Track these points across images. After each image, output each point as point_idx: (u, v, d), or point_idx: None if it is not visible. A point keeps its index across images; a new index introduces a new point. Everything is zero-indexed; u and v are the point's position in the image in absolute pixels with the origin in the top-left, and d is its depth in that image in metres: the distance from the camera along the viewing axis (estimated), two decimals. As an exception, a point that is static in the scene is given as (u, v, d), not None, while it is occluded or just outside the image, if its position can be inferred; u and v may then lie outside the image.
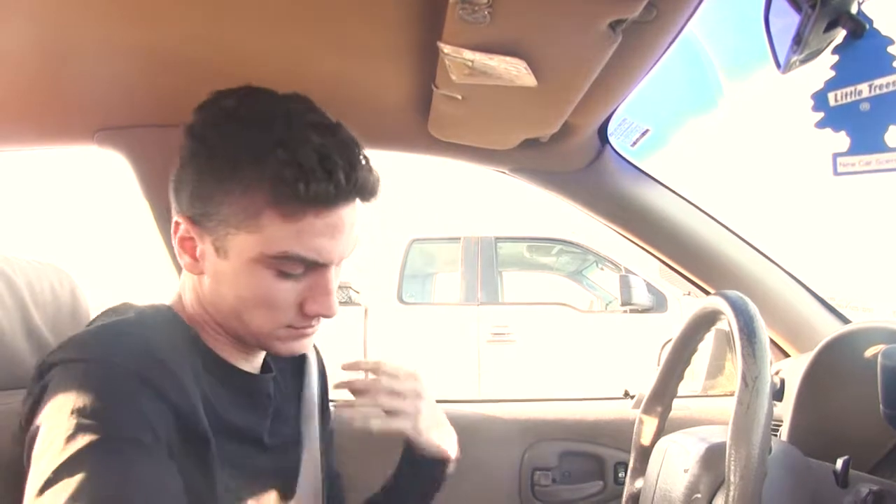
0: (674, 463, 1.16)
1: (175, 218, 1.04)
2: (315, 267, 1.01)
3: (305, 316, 1.04)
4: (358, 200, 1.03)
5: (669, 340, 1.33)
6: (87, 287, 1.32)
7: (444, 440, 1.30)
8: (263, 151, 0.95)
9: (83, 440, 0.84)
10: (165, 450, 0.91)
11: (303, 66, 1.33)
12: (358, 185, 0.99)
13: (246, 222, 0.97)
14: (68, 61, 1.33)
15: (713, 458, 1.06)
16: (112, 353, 0.91)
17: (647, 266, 5.78)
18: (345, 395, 1.28)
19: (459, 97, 1.31)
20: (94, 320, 1.06)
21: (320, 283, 1.02)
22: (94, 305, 1.28)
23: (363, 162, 1.01)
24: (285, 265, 0.99)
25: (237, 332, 1.07)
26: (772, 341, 1.92)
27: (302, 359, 1.28)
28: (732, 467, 0.94)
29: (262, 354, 1.16)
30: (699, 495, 1.06)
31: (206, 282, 1.04)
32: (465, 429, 1.48)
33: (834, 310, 1.87)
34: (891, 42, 0.87)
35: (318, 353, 1.35)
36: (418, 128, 1.55)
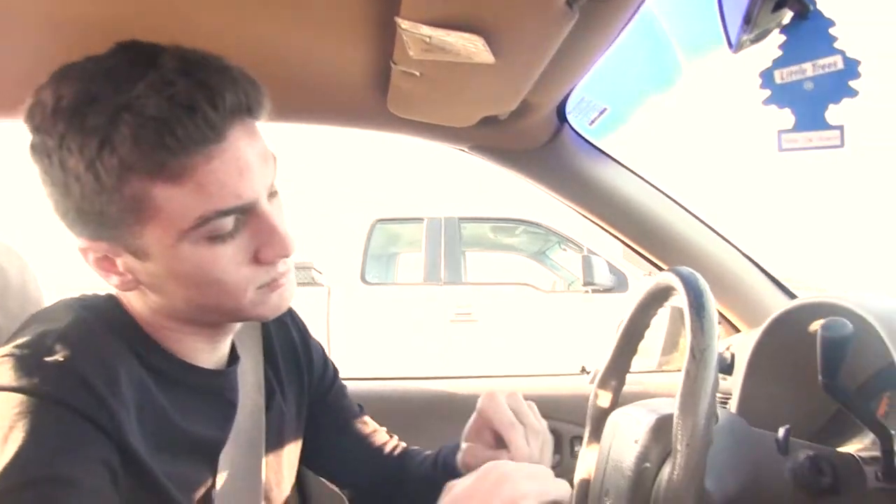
0: (625, 434, 1.18)
1: (77, 245, 0.93)
2: (244, 212, 0.90)
3: (266, 266, 0.94)
4: (247, 120, 0.91)
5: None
6: (38, 266, 1.26)
7: None
8: (108, 128, 0.82)
9: (7, 481, 0.79)
10: (104, 481, 0.85)
11: (257, 42, 1.29)
12: (232, 106, 0.87)
13: (142, 211, 0.86)
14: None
15: (662, 428, 1.08)
16: (37, 382, 0.83)
17: (609, 247, 5.83)
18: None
19: (418, 74, 1.31)
20: (26, 325, 0.96)
21: (262, 224, 0.92)
22: (46, 284, 1.22)
23: (230, 78, 0.88)
24: (212, 228, 0.88)
25: (209, 321, 1.00)
26: (724, 317, 1.96)
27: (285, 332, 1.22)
28: (679, 436, 0.96)
29: (228, 342, 1.09)
30: (648, 464, 1.08)
31: (147, 291, 0.95)
32: (426, 405, 1.52)
33: (782, 286, 1.91)
34: (832, 24, 0.90)
35: (291, 314, 1.27)
36: (377, 104, 1.55)
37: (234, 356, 1.11)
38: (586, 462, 1.31)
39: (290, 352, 1.24)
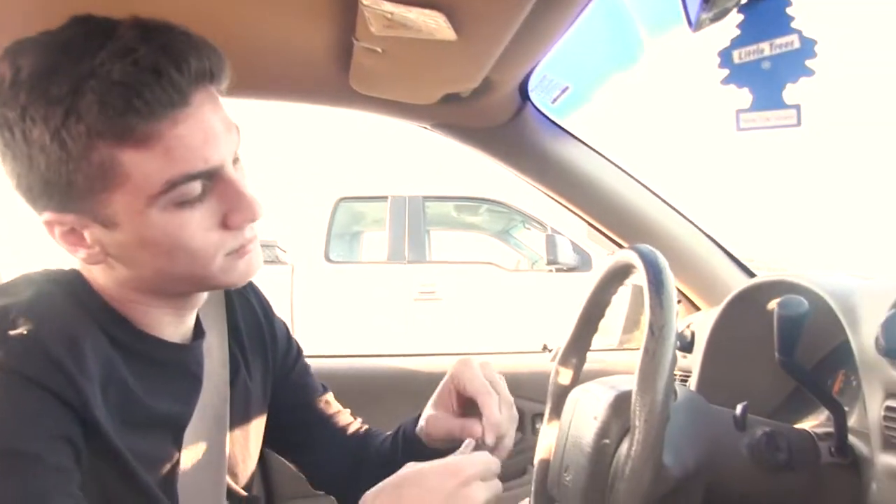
0: (585, 411, 1.19)
1: (42, 220, 0.91)
2: (211, 177, 0.90)
3: (234, 231, 0.94)
4: (210, 87, 0.91)
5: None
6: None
7: None
8: (72, 96, 0.82)
9: None
10: (68, 459, 0.85)
11: (218, 18, 1.26)
12: (196, 71, 0.87)
13: (110, 178, 0.85)
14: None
15: (621, 405, 1.09)
16: (1, 357, 0.83)
17: (573, 226, 5.86)
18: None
19: (380, 50, 1.30)
20: None
21: (228, 189, 0.92)
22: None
23: (194, 46, 0.88)
24: (180, 193, 0.88)
25: (176, 291, 0.99)
26: (685, 296, 1.98)
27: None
28: (637, 412, 0.97)
29: (194, 316, 1.07)
30: (607, 441, 1.09)
31: (114, 263, 0.94)
32: (389, 382, 1.52)
33: (742, 265, 1.93)
34: (789, 3, 0.90)
35: (255, 291, 1.26)
36: (339, 81, 1.54)
37: (199, 331, 1.10)
38: (547, 439, 1.32)
39: (255, 328, 1.23)
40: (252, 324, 1.22)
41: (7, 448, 0.81)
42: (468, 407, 1.17)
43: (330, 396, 1.35)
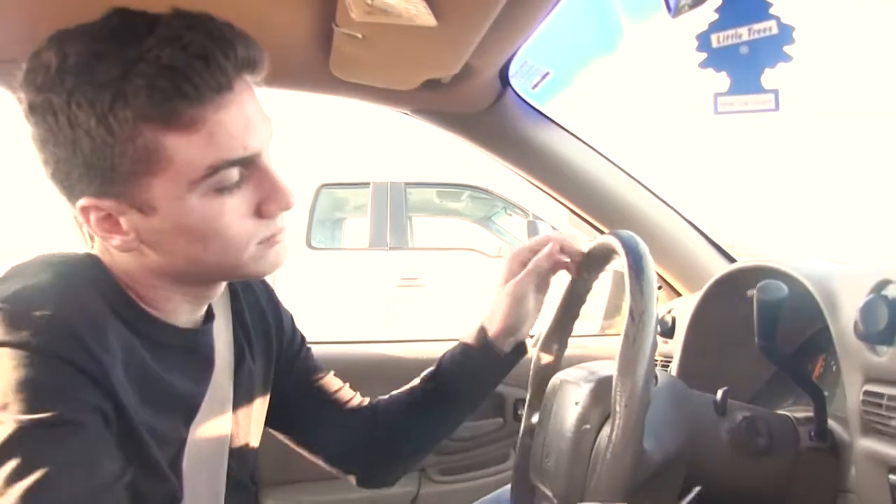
0: (566, 397, 1.20)
1: (78, 206, 0.92)
2: (248, 164, 0.92)
3: (267, 221, 0.96)
4: (249, 77, 0.94)
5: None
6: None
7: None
8: (121, 80, 0.84)
9: (7, 428, 0.80)
10: (103, 428, 0.87)
11: (198, 3, 1.25)
12: (241, 58, 0.89)
13: (154, 163, 0.87)
14: None
15: (602, 391, 1.10)
16: (26, 335, 0.83)
17: (555, 212, 5.87)
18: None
19: (360, 36, 1.30)
20: (2, 280, 0.94)
21: (264, 177, 0.94)
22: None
23: (238, 35, 0.90)
24: (219, 179, 0.90)
25: (204, 280, 1.01)
26: (665, 281, 1.99)
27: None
28: (618, 398, 0.97)
29: (207, 303, 1.08)
30: (589, 426, 1.09)
31: (146, 250, 0.95)
32: (371, 368, 1.52)
33: (723, 250, 1.94)
34: (767, -11, 0.91)
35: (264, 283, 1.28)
36: (320, 67, 1.53)
37: (209, 315, 1.11)
38: (529, 424, 1.32)
39: (259, 314, 1.24)
40: (256, 310, 1.24)
41: (53, 418, 0.82)
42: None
43: (332, 375, 1.38)
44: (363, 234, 6.41)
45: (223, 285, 1.09)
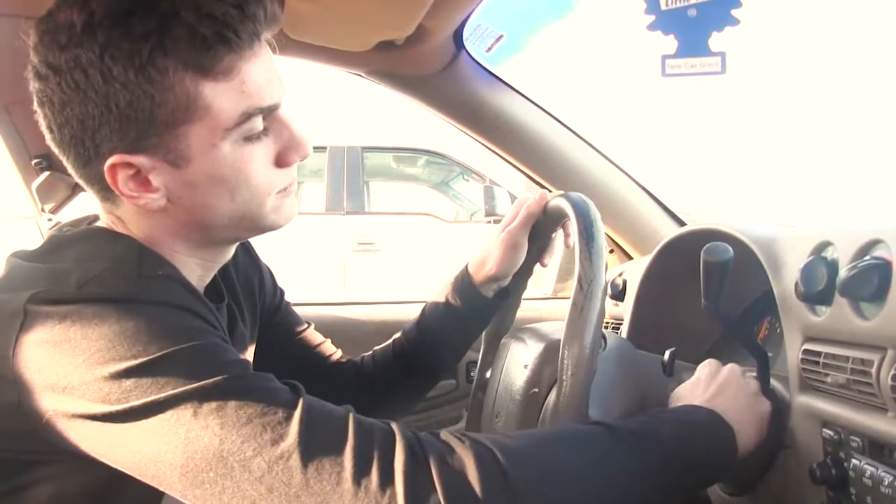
0: (516, 359, 1.21)
1: (107, 165, 0.90)
2: (271, 115, 0.95)
3: (284, 170, 0.99)
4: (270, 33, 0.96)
5: None
6: None
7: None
8: (160, 31, 0.85)
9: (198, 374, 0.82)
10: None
11: None
12: (270, 12, 0.92)
13: (192, 111, 0.88)
14: None
15: (551, 355, 1.11)
16: (152, 293, 0.87)
17: (512, 178, 5.88)
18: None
19: (313, -5, 1.29)
20: (51, 261, 0.93)
21: (284, 128, 0.97)
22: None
23: None
24: (248, 128, 0.92)
25: (224, 236, 1.03)
26: (617, 245, 2.01)
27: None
28: (564, 366, 0.99)
29: (214, 271, 1.09)
30: (537, 389, 1.11)
31: (171, 209, 0.95)
32: (325, 329, 1.50)
33: (673, 214, 1.97)
34: (716, -47, 0.91)
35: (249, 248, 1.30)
36: (272, 27, 1.51)
37: (218, 295, 1.13)
38: (481, 379, 1.34)
39: (244, 275, 1.26)
40: (241, 273, 1.26)
41: (223, 364, 0.84)
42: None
43: (313, 329, 1.40)
44: (319, 198, 6.37)
45: (233, 249, 1.10)
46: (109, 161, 0.90)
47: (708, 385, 1.06)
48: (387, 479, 0.78)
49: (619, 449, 0.90)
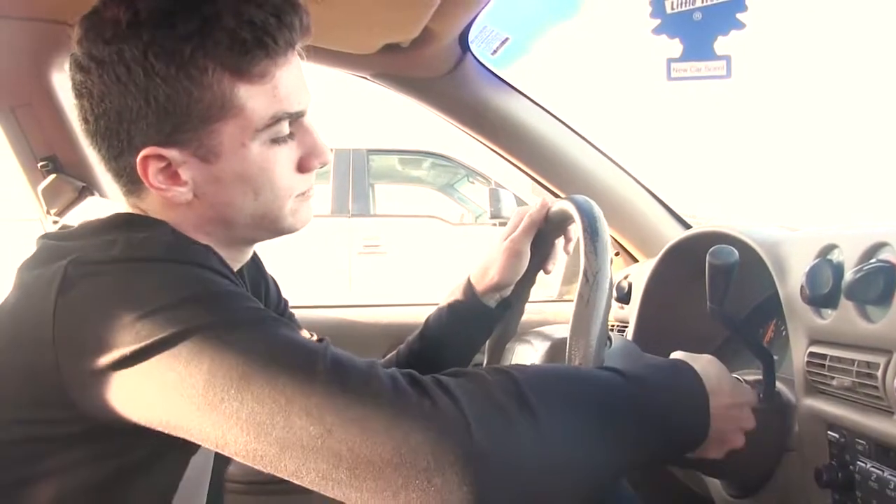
0: (522, 360, 1.21)
1: (140, 156, 0.94)
2: (296, 121, 0.99)
3: (304, 175, 1.02)
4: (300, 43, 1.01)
5: None
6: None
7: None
8: (201, 32, 0.90)
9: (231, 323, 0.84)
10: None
11: None
12: (304, 23, 0.96)
13: (227, 109, 0.93)
14: None
15: (557, 353, 1.11)
16: (192, 256, 0.90)
17: (517, 180, 5.87)
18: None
19: (318, -2, 1.29)
20: (96, 236, 0.96)
21: (307, 135, 1.01)
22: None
23: (299, 2, 0.97)
24: (276, 131, 0.96)
25: (244, 236, 1.06)
26: (623, 248, 2.01)
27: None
28: (572, 356, 0.99)
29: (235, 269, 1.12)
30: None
31: (197, 204, 0.99)
32: (330, 332, 1.51)
33: (678, 216, 1.96)
34: (721, -43, 0.91)
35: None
36: (278, 29, 1.51)
37: None
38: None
39: (254, 283, 1.29)
40: (253, 279, 1.29)
41: (258, 315, 0.87)
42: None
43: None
44: (325, 200, 6.37)
45: (251, 251, 1.14)
46: (143, 153, 0.94)
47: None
48: (411, 387, 0.82)
49: (629, 397, 0.92)
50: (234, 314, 0.85)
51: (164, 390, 0.82)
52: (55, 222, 1.73)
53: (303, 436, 0.79)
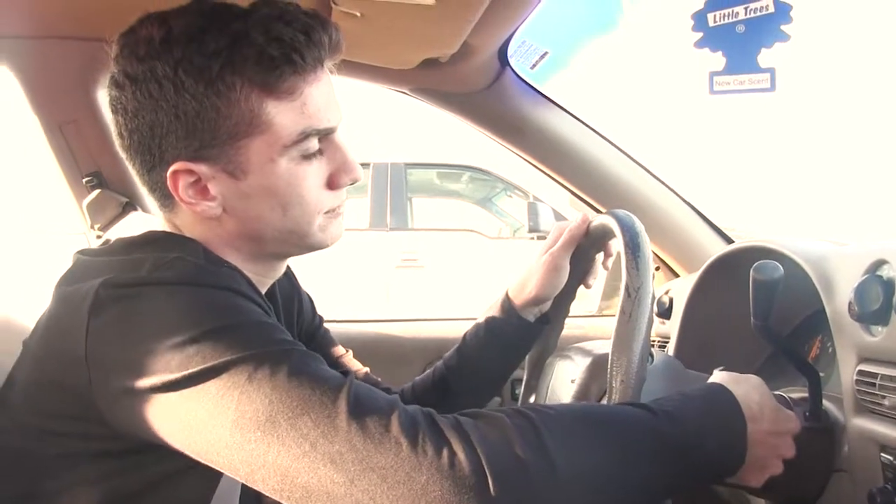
0: (562, 375, 1.20)
1: (170, 171, 0.96)
2: (326, 137, 1.00)
3: (334, 192, 1.03)
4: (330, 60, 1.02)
5: None
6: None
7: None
8: (230, 49, 0.91)
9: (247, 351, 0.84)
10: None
11: None
12: (334, 40, 0.98)
13: (255, 126, 0.94)
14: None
15: (598, 368, 1.10)
16: (216, 280, 0.90)
17: (555, 194, 5.85)
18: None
19: (358, 14, 1.30)
20: (126, 254, 0.97)
21: (337, 151, 1.01)
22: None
23: (328, 20, 0.98)
24: (305, 147, 0.97)
25: (272, 251, 1.06)
26: (664, 262, 1.99)
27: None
28: (614, 373, 0.98)
29: (266, 286, 1.13)
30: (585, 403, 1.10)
31: (226, 219, 1.00)
32: (368, 346, 1.52)
33: (720, 231, 1.94)
34: (763, -32, 0.90)
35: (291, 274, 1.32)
36: (318, 45, 1.53)
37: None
38: (525, 403, 1.33)
39: (287, 298, 1.29)
40: (286, 294, 1.29)
41: (283, 348, 0.86)
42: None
43: (351, 356, 1.41)
44: (363, 214, 6.40)
45: (283, 266, 1.14)
46: (172, 168, 0.95)
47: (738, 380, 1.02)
48: (430, 437, 0.80)
49: (655, 435, 0.90)
50: (262, 348, 0.84)
51: (192, 425, 0.83)
52: (98, 237, 1.75)
53: (326, 482, 0.79)
